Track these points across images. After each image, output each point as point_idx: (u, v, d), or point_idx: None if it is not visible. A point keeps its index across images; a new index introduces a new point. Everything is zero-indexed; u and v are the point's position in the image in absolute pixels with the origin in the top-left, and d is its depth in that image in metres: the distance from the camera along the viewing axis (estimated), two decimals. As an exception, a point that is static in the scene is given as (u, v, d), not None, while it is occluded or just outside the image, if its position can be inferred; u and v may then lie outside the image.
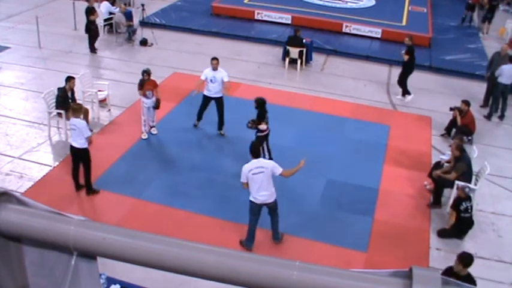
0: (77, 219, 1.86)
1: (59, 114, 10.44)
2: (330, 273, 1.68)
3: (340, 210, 9.04)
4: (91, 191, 8.91)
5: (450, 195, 9.10)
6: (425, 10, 19.65)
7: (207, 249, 1.76)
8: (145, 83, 10.40)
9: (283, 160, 8.50)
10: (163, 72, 13.74)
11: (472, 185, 9.04)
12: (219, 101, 10.86)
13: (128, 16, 16.17)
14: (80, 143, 8.55)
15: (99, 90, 11.72)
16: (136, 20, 16.75)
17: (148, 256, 1.79)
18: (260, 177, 7.46)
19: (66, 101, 10.27)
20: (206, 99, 10.94)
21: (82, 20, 16.73)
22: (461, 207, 8.36)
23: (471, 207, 8.44)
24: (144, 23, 16.85)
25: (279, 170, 7.52)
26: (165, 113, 11.61)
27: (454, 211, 8.50)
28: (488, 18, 18.76)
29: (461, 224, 8.45)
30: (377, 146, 11.08)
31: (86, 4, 15.13)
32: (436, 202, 9.26)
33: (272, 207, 7.83)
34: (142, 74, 10.44)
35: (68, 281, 1.98)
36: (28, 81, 13.09)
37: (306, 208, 9.03)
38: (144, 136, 10.73)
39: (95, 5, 17.03)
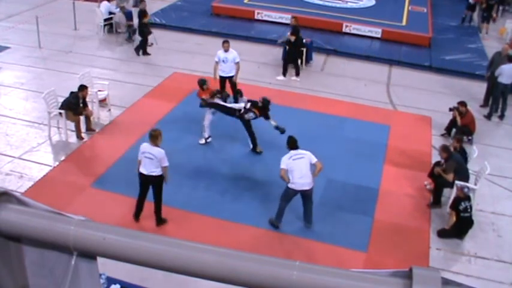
0: (77, 219, 1.86)
1: (60, 114, 10.45)
2: (330, 273, 1.68)
3: (340, 210, 9.05)
4: (161, 221, 8.32)
5: (450, 195, 9.10)
6: (425, 10, 19.66)
7: (207, 249, 1.76)
8: (202, 92, 10.33)
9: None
10: (163, 72, 13.75)
11: (471, 185, 9.05)
12: (232, 80, 11.82)
13: (128, 16, 16.18)
14: (154, 172, 7.93)
15: (99, 90, 11.71)
16: (136, 20, 16.75)
17: (148, 256, 1.79)
18: (301, 162, 7.96)
19: (74, 106, 10.32)
20: (222, 79, 11.89)
21: (82, 20, 16.79)
22: (461, 207, 8.36)
23: (470, 207, 8.44)
24: (144, 23, 16.85)
25: (314, 158, 8.09)
26: (165, 113, 11.62)
27: (453, 211, 8.50)
28: (486, 17, 18.77)
29: (461, 224, 8.45)
30: (377, 146, 11.08)
31: (85, 4, 15.14)
32: (436, 202, 9.27)
33: (308, 195, 8.20)
34: (201, 85, 10.35)
35: (68, 281, 1.98)
36: (28, 81, 13.09)
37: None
38: (202, 141, 10.57)
39: (95, 5, 17.10)
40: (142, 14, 14.86)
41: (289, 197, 8.18)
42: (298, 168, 7.95)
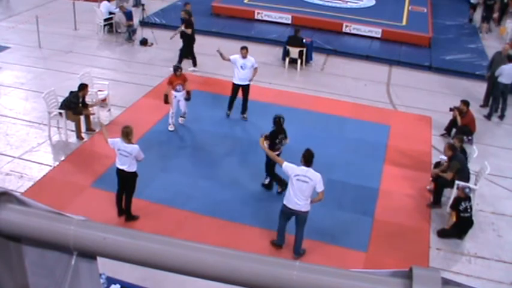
0: (77, 219, 1.86)
1: (60, 114, 10.45)
2: (330, 273, 1.68)
3: (340, 210, 9.05)
4: (131, 217, 8.42)
5: (450, 195, 9.10)
6: (425, 10, 19.65)
7: (207, 249, 1.76)
8: (176, 78, 10.78)
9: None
10: (163, 72, 13.73)
11: (472, 185, 9.05)
12: (246, 88, 11.56)
13: (128, 16, 16.18)
14: (131, 168, 8.10)
15: (99, 90, 11.71)
16: (136, 20, 16.76)
17: (148, 256, 1.79)
18: (302, 186, 7.37)
19: (74, 105, 10.31)
20: (235, 88, 11.54)
21: (82, 20, 16.79)
22: (461, 207, 8.36)
23: (470, 207, 8.44)
24: (144, 23, 16.87)
25: (321, 187, 7.44)
26: (165, 113, 11.61)
27: (453, 211, 8.50)
28: (486, 17, 18.77)
29: (461, 224, 8.45)
30: (377, 146, 11.08)
31: (85, 4, 15.13)
32: (436, 202, 9.26)
33: (301, 219, 7.65)
34: (175, 70, 10.83)
35: (68, 281, 1.98)
36: (28, 81, 13.09)
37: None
38: (171, 128, 11.01)
39: (95, 5, 17.09)
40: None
41: (284, 215, 7.77)
42: (298, 189, 7.42)
